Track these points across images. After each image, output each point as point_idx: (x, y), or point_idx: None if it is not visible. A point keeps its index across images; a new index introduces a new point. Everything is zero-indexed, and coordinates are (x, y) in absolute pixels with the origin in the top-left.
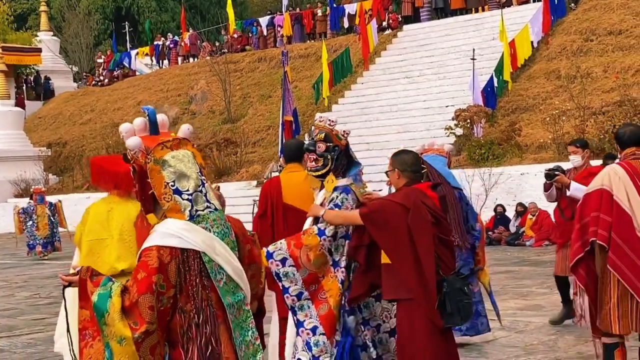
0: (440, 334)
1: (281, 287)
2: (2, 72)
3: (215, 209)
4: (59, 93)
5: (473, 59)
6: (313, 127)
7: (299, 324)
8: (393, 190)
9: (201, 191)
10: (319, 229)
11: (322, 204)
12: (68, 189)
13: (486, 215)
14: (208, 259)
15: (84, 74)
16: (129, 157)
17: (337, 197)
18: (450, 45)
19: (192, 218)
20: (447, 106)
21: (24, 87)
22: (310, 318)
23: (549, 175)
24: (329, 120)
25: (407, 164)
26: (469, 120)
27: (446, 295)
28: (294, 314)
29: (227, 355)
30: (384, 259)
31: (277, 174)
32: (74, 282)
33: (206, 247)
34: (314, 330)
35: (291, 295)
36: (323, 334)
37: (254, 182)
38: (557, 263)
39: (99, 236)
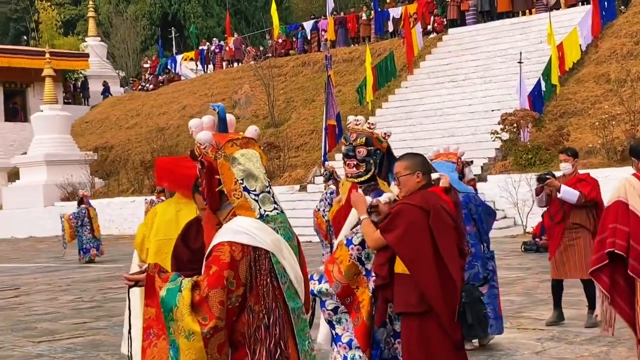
0: (455, 348)
1: (319, 302)
2: (50, 77)
3: (282, 212)
4: (106, 98)
5: (520, 63)
6: (348, 132)
7: (336, 338)
8: None
9: (269, 192)
10: (346, 238)
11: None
12: (114, 193)
13: (533, 222)
14: (276, 260)
15: (131, 78)
16: (197, 153)
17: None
18: (496, 49)
19: (262, 217)
20: (492, 110)
21: (72, 92)
22: (347, 331)
23: (541, 178)
24: (369, 123)
25: (427, 165)
26: (515, 125)
27: (466, 306)
28: (332, 327)
29: None
30: (398, 268)
31: (321, 178)
32: (140, 281)
33: (275, 248)
34: (349, 344)
35: (327, 310)
36: (358, 348)
37: (297, 187)
38: (552, 267)
39: (167, 236)
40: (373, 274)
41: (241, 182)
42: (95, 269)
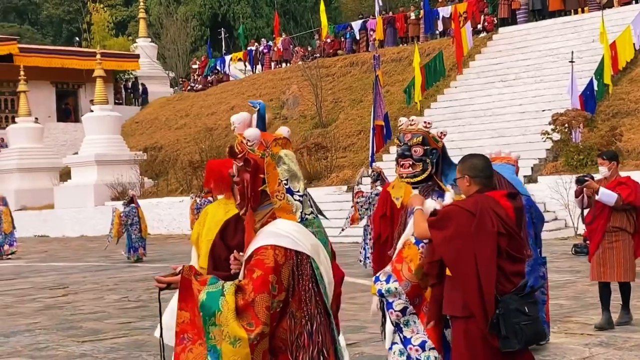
0: (504, 356)
1: (385, 304)
2: (101, 77)
3: (317, 216)
4: (155, 98)
5: (572, 62)
6: (402, 133)
7: (405, 341)
8: None
9: (306, 195)
10: (415, 238)
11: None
12: (163, 193)
13: None
14: (316, 265)
15: (180, 79)
16: (238, 149)
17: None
18: (547, 48)
19: (302, 221)
20: (543, 110)
21: (123, 93)
22: (417, 333)
23: (579, 180)
24: (425, 122)
25: (478, 169)
26: (566, 125)
27: (500, 317)
28: (400, 330)
29: None
30: (448, 271)
31: (368, 179)
32: (173, 283)
33: (314, 252)
34: (422, 345)
35: (395, 311)
36: (433, 349)
37: (344, 187)
38: (590, 268)
39: None
40: None
41: (285, 183)
42: (143, 269)
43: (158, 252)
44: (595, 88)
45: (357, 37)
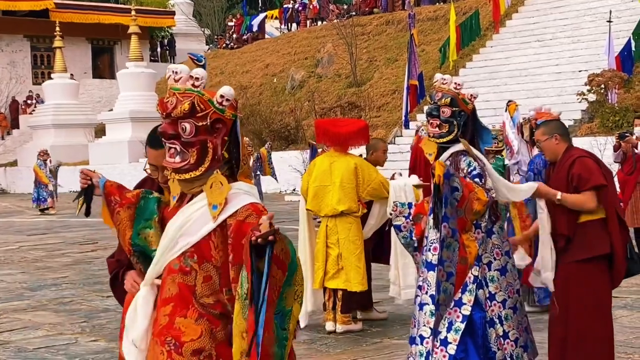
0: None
1: (443, 215)
2: (136, 34)
3: None
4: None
5: (609, 22)
6: (434, 90)
7: (440, 261)
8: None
9: None
10: (486, 190)
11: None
12: None
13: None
14: None
15: (216, 37)
16: (199, 108)
17: (471, 164)
18: (585, 7)
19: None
20: (580, 71)
21: (158, 50)
22: (451, 262)
23: (621, 135)
24: (455, 83)
25: (564, 128)
26: (602, 86)
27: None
28: (441, 248)
29: None
30: (586, 217)
31: (402, 138)
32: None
33: None
34: (449, 275)
35: (448, 227)
36: (453, 285)
37: None
38: (627, 217)
39: (323, 183)
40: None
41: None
42: None
43: None
44: (633, 48)
45: None
